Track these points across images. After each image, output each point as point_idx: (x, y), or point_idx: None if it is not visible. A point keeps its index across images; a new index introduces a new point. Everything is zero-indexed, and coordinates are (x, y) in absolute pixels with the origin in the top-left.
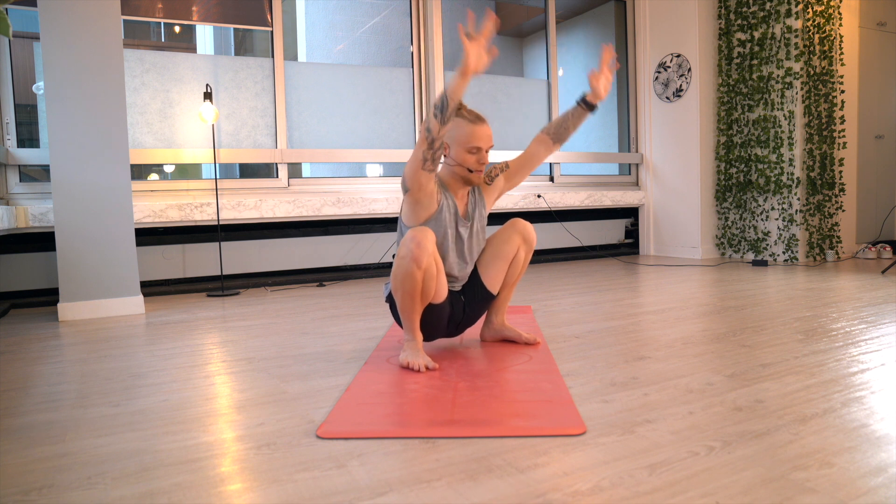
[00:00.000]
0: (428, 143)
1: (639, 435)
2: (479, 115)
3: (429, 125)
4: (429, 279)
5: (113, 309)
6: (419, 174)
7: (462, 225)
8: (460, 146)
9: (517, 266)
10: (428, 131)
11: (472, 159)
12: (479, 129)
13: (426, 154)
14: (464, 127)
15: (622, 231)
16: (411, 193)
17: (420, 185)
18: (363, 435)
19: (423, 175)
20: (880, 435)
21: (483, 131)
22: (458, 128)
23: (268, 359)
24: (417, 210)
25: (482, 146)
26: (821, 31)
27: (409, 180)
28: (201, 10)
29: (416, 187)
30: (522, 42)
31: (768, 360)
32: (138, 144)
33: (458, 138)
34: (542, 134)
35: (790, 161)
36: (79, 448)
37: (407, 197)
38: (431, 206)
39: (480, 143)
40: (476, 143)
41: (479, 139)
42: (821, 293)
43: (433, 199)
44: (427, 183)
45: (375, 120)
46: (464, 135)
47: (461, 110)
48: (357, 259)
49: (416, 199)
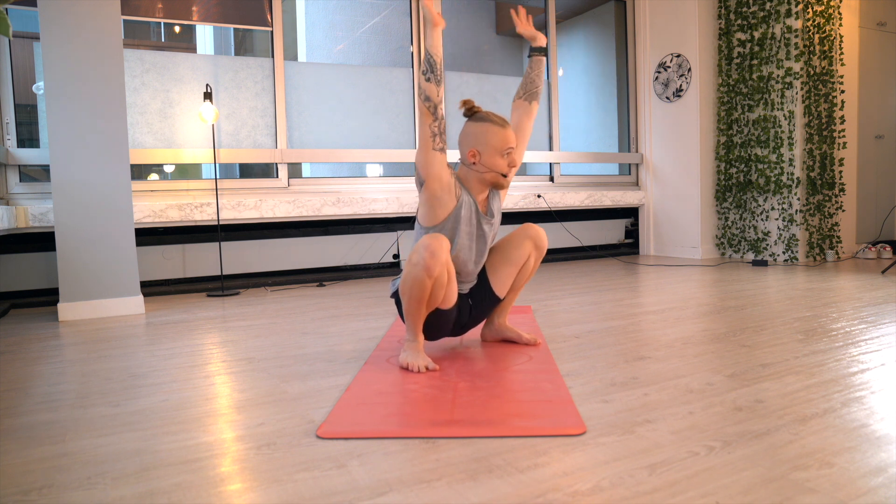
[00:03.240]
0: (431, 113)
1: (639, 435)
2: (503, 118)
3: (426, 93)
4: (438, 287)
5: (113, 309)
6: (430, 155)
7: (486, 222)
8: (495, 150)
9: (526, 271)
10: (427, 99)
11: (504, 162)
12: (508, 132)
13: (433, 127)
14: (497, 132)
15: (622, 231)
16: (427, 185)
17: (435, 172)
18: (363, 435)
19: (435, 156)
20: (880, 435)
21: (511, 133)
22: (490, 133)
23: (268, 359)
24: (435, 206)
25: (514, 146)
26: (821, 31)
27: (422, 168)
28: (201, 10)
29: (432, 176)
30: (522, 42)
31: (768, 360)
32: (138, 144)
33: (492, 143)
34: (515, 101)
35: (790, 161)
36: (79, 448)
37: (423, 192)
38: (450, 202)
39: (512, 143)
40: (510, 143)
41: (511, 140)
42: (821, 293)
43: (451, 193)
44: (441, 169)
45: (375, 120)
46: (498, 139)
47: (481, 113)
48: (357, 259)
49: (433, 192)
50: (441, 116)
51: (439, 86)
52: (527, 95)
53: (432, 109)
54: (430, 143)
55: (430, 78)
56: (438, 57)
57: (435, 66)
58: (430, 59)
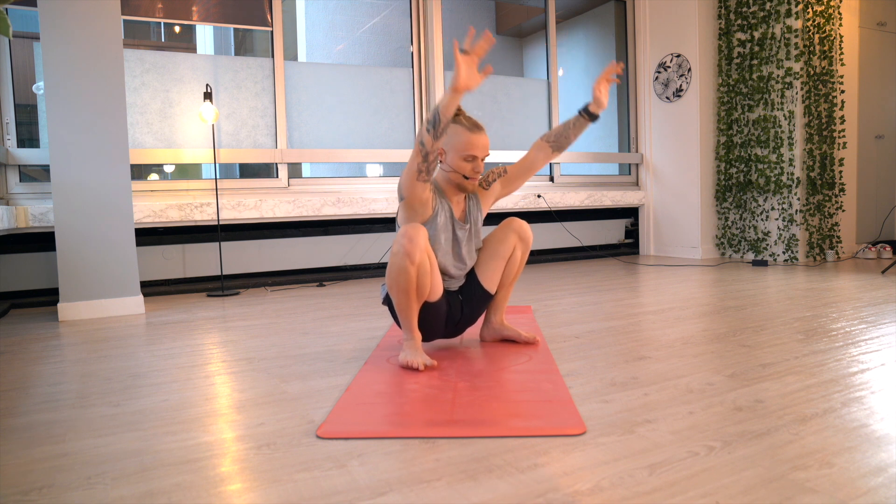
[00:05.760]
0: (422, 157)
1: (639, 435)
2: (476, 124)
3: (422, 139)
4: (423, 275)
5: (113, 309)
6: (414, 185)
7: (459, 228)
8: (456, 153)
9: (514, 265)
10: (422, 145)
11: (467, 167)
12: (475, 138)
13: (420, 166)
14: (461, 134)
15: (622, 231)
16: (406, 200)
17: (415, 195)
18: (363, 435)
19: (418, 186)
20: (880, 435)
21: (480, 140)
22: (455, 135)
23: (268, 359)
24: (412, 216)
25: (478, 155)
26: (821, 31)
27: (404, 189)
28: (201, 10)
29: (412, 196)
30: (522, 42)
31: (768, 360)
32: (138, 144)
33: (454, 145)
34: (541, 141)
35: (790, 161)
36: (79, 448)
37: (402, 203)
38: (426, 213)
39: (476, 151)
40: (472, 151)
41: (475, 148)
42: (821, 293)
43: (428, 207)
44: (422, 192)
45: (375, 120)
46: (461, 143)
47: (459, 116)
48: (357, 259)
49: (411, 205)
50: (431, 161)
51: (437, 140)
52: (555, 145)
53: (424, 154)
54: (416, 175)
55: (430, 130)
56: (446, 119)
57: (439, 125)
58: (438, 117)
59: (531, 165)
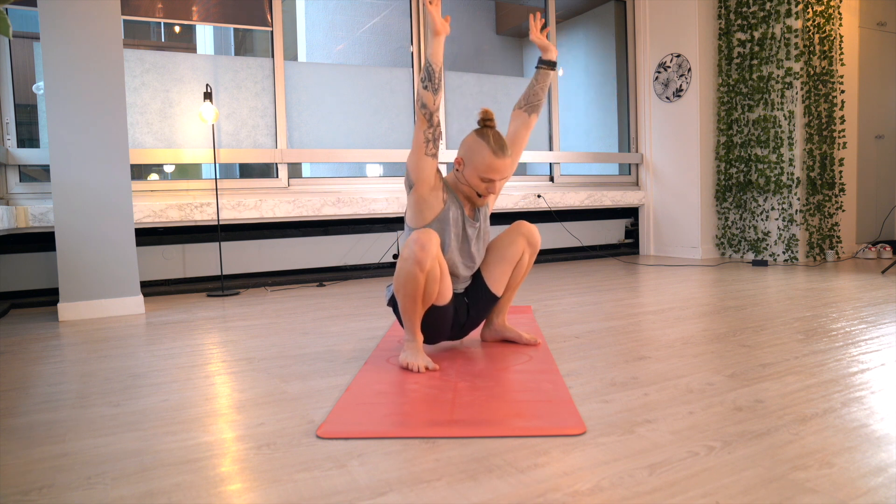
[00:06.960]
0: (426, 120)
1: (639, 435)
2: (503, 146)
3: (423, 100)
4: (431, 282)
5: (113, 309)
6: (422, 160)
7: (470, 225)
8: (475, 171)
9: (521, 269)
10: (423, 107)
11: (482, 186)
12: (498, 163)
13: (427, 133)
14: (485, 154)
15: (622, 231)
16: (416, 188)
17: (424, 176)
18: (363, 435)
19: (427, 162)
20: (880, 435)
21: (502, 164)
22: (478, 151)
23: (268, 359)
24: (423, 209)
25: (495, 178)
26: (821, 31)
27: (412, 170)
28: (201, 10)
29: (421, 180)
30: (522, 42)
31: (768, 360)
32: (138, 144)
33: (475, 163)
34: (515, 110)
35: (790, 161)
36: (79, 448)
37: (412, 195)
38: (437, 205)
39: (495, 175)
40: (491, 175)
41: (495, 172)
42: (821, 293)
43: (437, 195)
44: (431, 173)
45: (375, 120)
46: (483, 163)
47: (489, 131)
48: (357, 259)
49: (421, 195)
50: (436, 124)
51: (436, 94)
52: (528, 107)
53: (428, 116)
54: (423, 148)
55: (427, 86)
56: (438, 66)
57: (433, 75)
58: (430, 67)
59: (516, 138)
